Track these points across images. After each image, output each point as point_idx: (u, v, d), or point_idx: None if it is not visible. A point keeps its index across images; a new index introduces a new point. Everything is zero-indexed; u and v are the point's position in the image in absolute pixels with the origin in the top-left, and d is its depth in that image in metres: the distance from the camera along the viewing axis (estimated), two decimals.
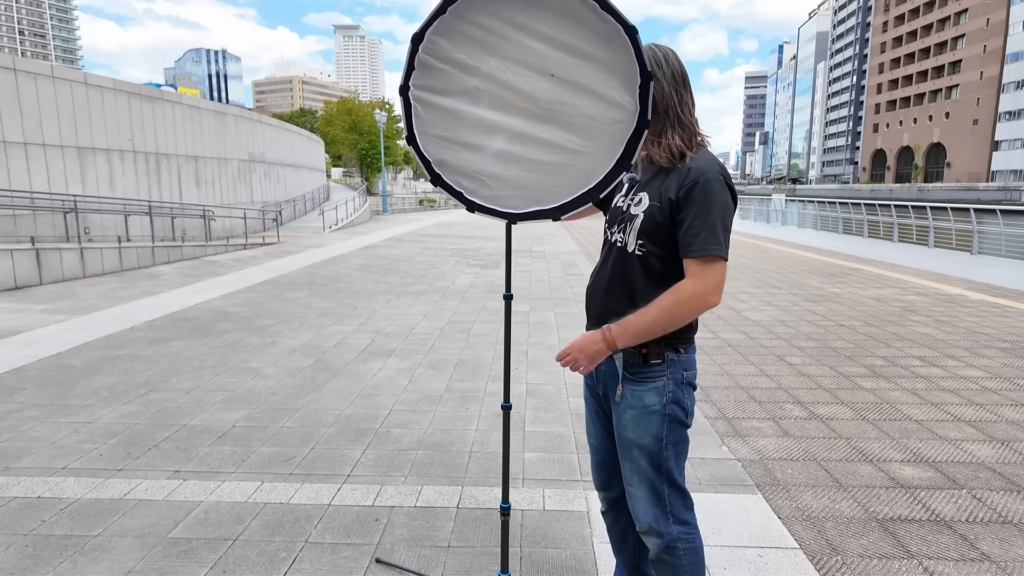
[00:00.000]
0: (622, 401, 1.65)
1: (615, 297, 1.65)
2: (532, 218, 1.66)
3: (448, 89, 1.59)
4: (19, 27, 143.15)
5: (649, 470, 1.64)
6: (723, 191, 1.50)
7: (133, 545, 2.39)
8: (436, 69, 1.57)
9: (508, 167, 1.62)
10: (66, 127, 11.16)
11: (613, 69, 1.51)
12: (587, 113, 1.56)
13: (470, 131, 1.61)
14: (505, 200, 1.64)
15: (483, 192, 1.65)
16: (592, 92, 1.54)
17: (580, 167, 1.59)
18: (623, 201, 1.69)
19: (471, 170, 1.64)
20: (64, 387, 4.31)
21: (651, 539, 1.67)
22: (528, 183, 1.61)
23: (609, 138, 1.56)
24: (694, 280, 1.49)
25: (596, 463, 1.89)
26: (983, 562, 2.29)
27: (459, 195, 1.66)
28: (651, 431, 1.62)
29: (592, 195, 1.59)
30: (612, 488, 1.86)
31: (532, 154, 1.60)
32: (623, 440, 1.67)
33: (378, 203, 33.77)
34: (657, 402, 1.61)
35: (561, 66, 1.54)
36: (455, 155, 1.63)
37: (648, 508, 1.66)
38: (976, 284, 8.92)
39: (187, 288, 8.67)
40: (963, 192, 57.51)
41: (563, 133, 1.58)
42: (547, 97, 1.56)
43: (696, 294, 1.49)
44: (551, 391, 4.28)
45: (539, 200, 1.63)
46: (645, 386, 1.61)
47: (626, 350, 1.62)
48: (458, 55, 1.55)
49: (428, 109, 1.61)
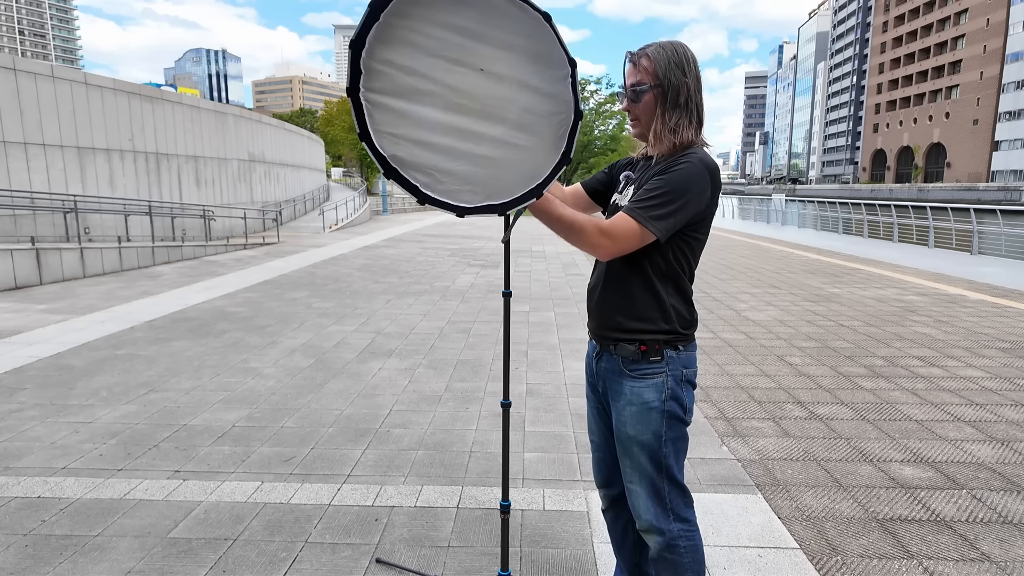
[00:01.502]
0: (621, 398, 1.66)
1: (612, 293, 1.66)
2: (481, 212, 1.69)
3: (393, 90, 1.60)
4: (19, 27, 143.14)
5: (649, 467, 1.65)
6: (701, 182, 1.54)
7: (133, 545, 2.39)
8: (379, 72, 1.59)
9: (457, 163, 1.63)
10: (66, 127, 11.16)
11: (541, 60, 1.53)
12: (523, 107, 1.57)
13: (419, 129, 1.62)
14: (457, 195, 1.66)
15: (436, 187, 1.66)
16: (524, 84, 1.56)
17: (526, 162, 1.60)
18: (618, 197, 1.73)
19: (424, 165, 1.65)
20: (64, 387, 4.31)
21: (652, 537, 1.68)
22: (477, 179, 1.63)
23: (550, 131, 1.58)
24: (609, 226, 1.53)
25: (597, 460, 1.90)
26: (983, 562, 2.29)
27: (414, 188, 1.68)
28: (650, 428, 1.63)
29: (538, 191, 1.60)
30: (613, 485, 1.87)
31: (478, 150, 1.61)
32: (623, 437, 1.68)
33: (378, 203, 33.77)
34: (656, 399, 1.62)
35: (488, 60, 1.55)
36: (407, 151, 1.65)
37: (648, 506, 1.66)
38: (976, 284, 8.92)
39: (187, 288, 8.67)
40: (963, 192, 57.53)
41: (504, 128, 1.59)
42: (481, 92, 1.57)
43: (598, 235, 1.53)
44: (551, 391, 4.28)
45: (489, 195, 1.64)
46: (644, 383, 1.62)
47: (625, 347, 1.64)
48: (395, 58, 1.57)
49: (378, 109, 1.62)
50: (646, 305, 1.62)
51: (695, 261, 1.66)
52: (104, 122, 12.00)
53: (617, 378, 1.67)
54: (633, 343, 1.63)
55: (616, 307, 1.66)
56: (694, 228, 1.60)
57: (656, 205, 1.52)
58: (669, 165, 1.56)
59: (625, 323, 1.64)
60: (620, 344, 1.65)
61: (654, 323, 1.62)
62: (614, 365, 1.68)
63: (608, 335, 1.69)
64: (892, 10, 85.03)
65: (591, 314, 1.75)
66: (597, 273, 1.73)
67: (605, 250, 1.55)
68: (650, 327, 1.62)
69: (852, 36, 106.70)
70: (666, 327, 1.62)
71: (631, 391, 1.64)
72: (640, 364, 1.62)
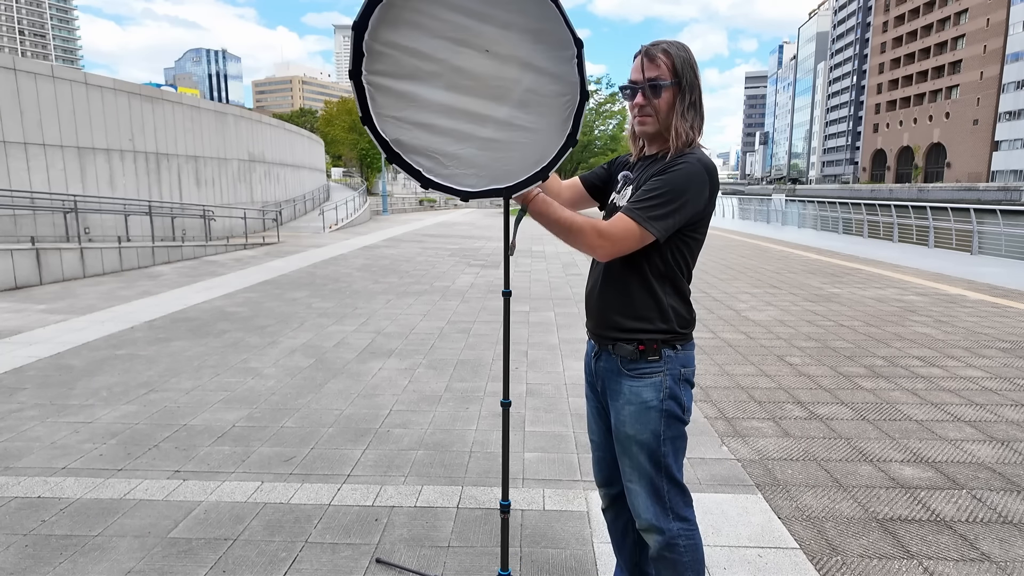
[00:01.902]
0: (620, 397, 1.66)
1: (611, 293, 1.66)
2: (486, 196, 1.68)
3: (397, 72, 1.58)
4: (19, 27, 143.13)
5: (648, 466, 1.65)
6: (699, 182, 1.54)
7: (133, 545, 2.39)
8: (382, 54, 1.57)
9: (461, 146, 1.62)
10: (66, 127, 11.16)
11: (546, 39, 1.52)
12: (529, 88, 1.56)
13: (423, 112, 1.61)
14: (461, 179, 1.65)
15: (440, 171, 1.65)
16: (530, 65, 1.54)
17: (531, 145, 1.59)
18: (616, 197, 1.73)
19: (427, 149, 1.64)
20: (64, 387, 4.31)
21: (652, 536, 1.68)
22: (482, 162, 1.62)
23: (556, 113, 1.57)
24: (608, 227, 1.54)
25: (597, 459, 1.90)
26: (983, 562, 2.29)
27: (417, 173, 1.67)
28: (649, 427, 1.63)
29: (544, 173, 1.59)
30: (613, 484, 1.87)
31: (484, 133, 1.60)
32: (621, 436, 1.68)
33: (378, 203, 33.77)
34: (654, 398, 1.62)
35: (494, 40, 1.54)
36: (410, 135, 1.63)
37: (648, 505, 1.66)
38: (976, 284, 8.92)
39: (187, 288, 8.67)
40: (963, 192, 57.52)
41: (511, 110, 1.58)
42: (487, 73, 1.56)
43: (596, 237, 1.54)
44: (551, 391, 4.28)
45: (494, 179, 1.63)
46: (643, 382, 1.63)
47: (624, 347, 1.64)
48: (399, 39, 1.55)
49: (381, 92, 1.61)
50: (644, 305, 1.62)
51: (693, 261, 1.66)
52: (104, 122, 12.00)
53: (616, 377, 1.67)
54: (631, 343, 1.63)
55: (614, 307, 1.66)
56: (692, 228, 1.60)
57: (655, 205, 1.51)
58: (668, 166, 1.56)
59: (623, 323, 1.64)
60: (618, 344, 1.65)
61: (652, 323, 1.62)
62: (612, 365, 1.68)
63: (606, 335, 1.69)
64: (892, 10, 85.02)
65: (589, 314, 1.75)
66: (595, 273, 1.73)
67: (604, 251, 1.55)
68: (648, 327, 1.62)
69: (852, 36, 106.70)
70: (664, 327, 1.62)
71: (630, 390, 1.64)
72: (638, 363, 1.63)
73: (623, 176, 1.75)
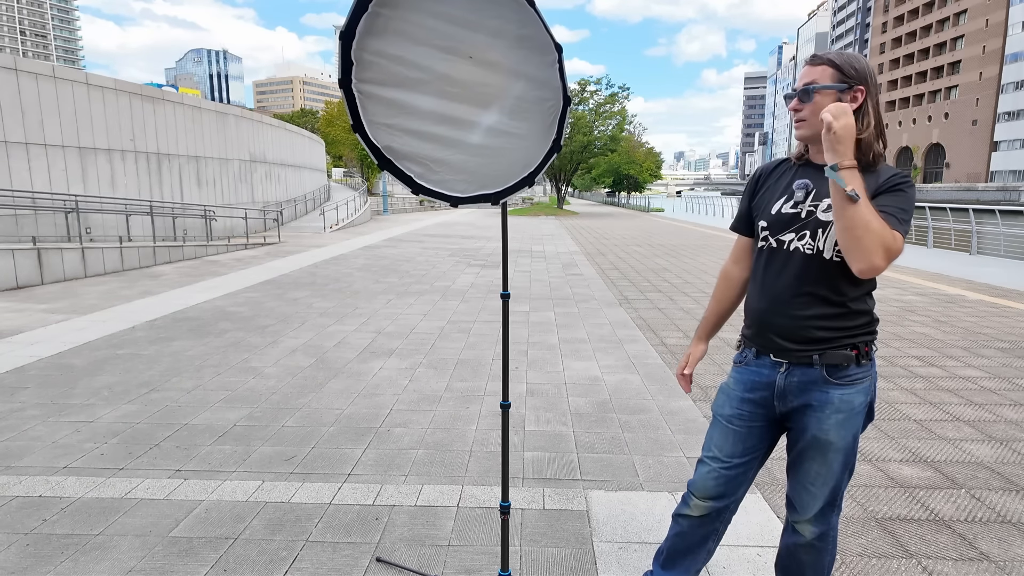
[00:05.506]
0: (827, 407, 1.61)
1: (813, 305, 1.58)
2: (475, 201, 1.69)
3: (386, 80, 1.60)
4: (20, 27, 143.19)
5: (838, 469, 1.65)
6: (913, 191, 1.52)
7: (134, 544, 2.40)
8: (371, 63, 1.58)
9: (451, 152, 1.63)
10: (67, 127, 11.17)
11: (529, 45, 1.53)
12: (515, 94, 1.57)
13: (412, 119, 1.62)
14: (451, 184, 1.66)
15: (430, 177, 1.66)
16: (514, 71, 1.56)
17: (519, 150, 1.60)
18: (801, 207, 1.59)
19: (417, 155, 1.65)
20: (65, 386, 4.32)
21: (808, 527, 1.71)
22: (471, 168, 1.63)
23: (541, 119, 1.58)
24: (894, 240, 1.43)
25: (718, 475, 1.76)
26: (982, 561, 2.29)
27: (408, 179, 1.68)
28: (852, 431, 1.62)
29: (530, 179, 1.60)
30: (724, 498, 1.78)
31: (471, 139, 1.61)
32: (820, 444, 1.63)
33: (379, 203, 33.78)
34: (863, 402, 1.62)
35: (478, 47, 1.55)
36: (401, 141, 1.65)
37: (822, 504, 1.68)
38: (975, 284, 8.92)
39: (188, 288, 8.68)
40: (962, 192, 57.55)
41: (498, 116, 1.59)
42: (473, 80, 1.57)
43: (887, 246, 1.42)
44: (551, 391, 4.28)
45: (483, 184, 1.64)
46: (854, 388, 1.60)
47: (835, 354, 1.58)
48: (386, 48, 1.56)
49: (371, 100, 1.62)
50: (857, 308, 1.59)
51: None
52: (105, 122, 12.01)
53: (821, 387, 1.61)
54: (845, 347, 1.59)
55: (825, 316, 1.58)
56: None
57: (907, 220, 1.48)
58: (899, 181, 1.50)
59: (837, 331, 1.58)
60: (828, 352, 1.59)
61: (867, 326, 1.61)
62: (814, 376, 1.61)
63: (806, 349, 1.61)
64: (891, 11, 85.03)
65: (777, 331, 1.64)
66: (775, 286, 1.63)
67: (884, 261, 1.44)
68: (861, 330, 1.60)
69: (851, 37, 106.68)
70: (873, 327, 1.62)
71: (840, 399, 1.60)
72: (849, 370, 1.59)
73: (802, 184, 1.61)
